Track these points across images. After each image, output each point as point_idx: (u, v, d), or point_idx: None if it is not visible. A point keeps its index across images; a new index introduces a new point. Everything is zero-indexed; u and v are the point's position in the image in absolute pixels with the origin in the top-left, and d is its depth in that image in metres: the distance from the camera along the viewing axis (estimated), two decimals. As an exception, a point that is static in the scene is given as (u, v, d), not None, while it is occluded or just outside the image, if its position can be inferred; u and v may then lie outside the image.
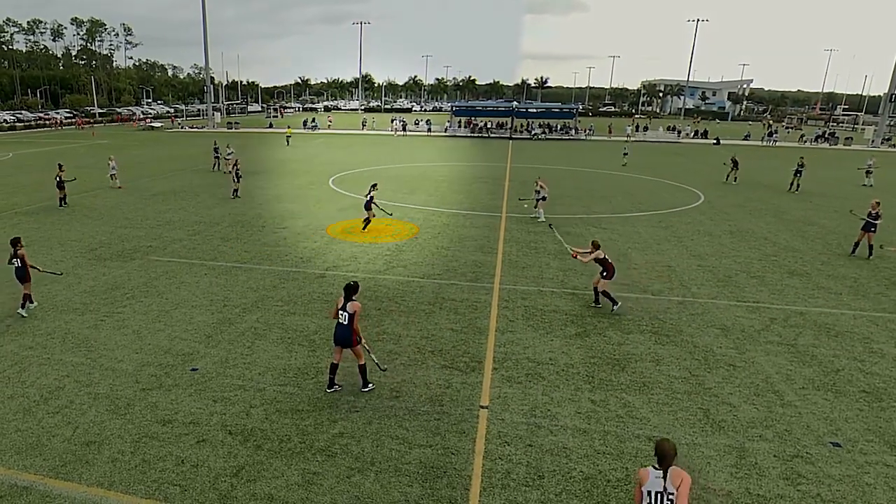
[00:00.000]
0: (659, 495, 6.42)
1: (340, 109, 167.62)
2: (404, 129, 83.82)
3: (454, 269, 19.46)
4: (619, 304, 15.99)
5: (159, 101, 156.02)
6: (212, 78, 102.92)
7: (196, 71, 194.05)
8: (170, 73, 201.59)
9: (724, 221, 27.95)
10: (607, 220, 27.56)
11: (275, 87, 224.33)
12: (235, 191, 31.86)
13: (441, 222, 26.25)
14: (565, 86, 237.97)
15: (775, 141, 78.76)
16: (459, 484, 8.87)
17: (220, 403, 10.94)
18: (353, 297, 10.89)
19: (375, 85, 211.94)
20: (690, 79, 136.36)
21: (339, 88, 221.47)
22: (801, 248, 23.27)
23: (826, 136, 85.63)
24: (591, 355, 13.31)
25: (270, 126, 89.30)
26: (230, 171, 33.18)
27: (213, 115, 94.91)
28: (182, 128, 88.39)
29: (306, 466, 9.17)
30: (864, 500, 8.71)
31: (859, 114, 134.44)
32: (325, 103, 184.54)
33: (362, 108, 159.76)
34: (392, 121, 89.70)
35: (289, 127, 73.30)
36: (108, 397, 11.12)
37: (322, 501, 8.44)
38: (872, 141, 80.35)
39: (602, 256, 15.83)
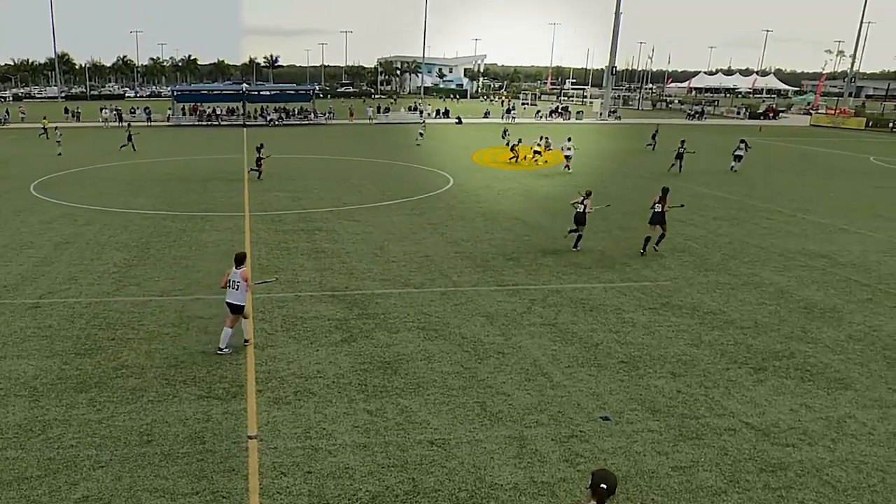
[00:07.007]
0: None
1: (35, 98, 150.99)
2: (119, 119, 77.93)
3: (198, 280, 18.48)
4: None
5: None
6: None
7: None
8: None
9: (476, 204, 29.61)
10: (359, 212, 27.88)
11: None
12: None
13: (177, 228, 24.78)
14: (298, 64, 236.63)
15: (514, 118, 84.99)
16: (235, 530, 8.50)
17: (-83, 484, 9.38)
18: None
19: (77, 67, 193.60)
20: (427, 55, 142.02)
21: (30, 72, 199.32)
22: (549, 225, 25.32)
23: (559, 110, 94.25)
24: (361, 361, 13.40)
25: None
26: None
27: None
28: None
29: (45, 544, 8.22)
30: (637, 468, 9.75)
31: (586, 87, 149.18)
32: (15, 90, 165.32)
33: (63, 94, 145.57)
34: (102, 109, 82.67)
35: None
36: None
37: (70, 582, 7.63)
38: (601, 114, 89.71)
39: None
